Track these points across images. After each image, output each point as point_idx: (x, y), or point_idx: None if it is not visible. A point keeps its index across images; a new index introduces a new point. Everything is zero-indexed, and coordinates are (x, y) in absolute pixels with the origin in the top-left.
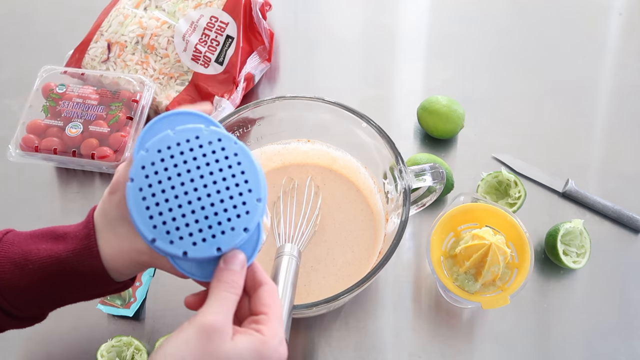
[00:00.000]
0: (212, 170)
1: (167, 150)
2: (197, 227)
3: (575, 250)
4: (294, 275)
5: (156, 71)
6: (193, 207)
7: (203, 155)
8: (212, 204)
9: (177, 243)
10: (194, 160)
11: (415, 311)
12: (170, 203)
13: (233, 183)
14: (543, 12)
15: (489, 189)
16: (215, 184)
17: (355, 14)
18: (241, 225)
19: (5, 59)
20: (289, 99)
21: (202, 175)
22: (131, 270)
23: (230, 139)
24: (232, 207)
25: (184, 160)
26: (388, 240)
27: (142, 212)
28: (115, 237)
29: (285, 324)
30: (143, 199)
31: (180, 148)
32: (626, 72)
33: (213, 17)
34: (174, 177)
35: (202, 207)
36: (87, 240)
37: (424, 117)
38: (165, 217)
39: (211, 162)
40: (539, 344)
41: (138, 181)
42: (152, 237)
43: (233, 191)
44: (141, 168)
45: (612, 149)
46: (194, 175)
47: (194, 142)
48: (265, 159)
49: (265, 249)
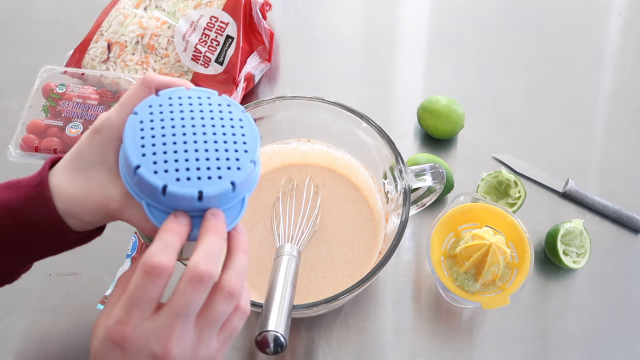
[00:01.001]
0: (215, 124)
1: (177, 100)
2: (185, 165)
3: (575, 250)
4: (293, 275)
5: (156, 71)
6: (187, 147)
7: (210, 111)
8: (207, 150)
9: (161, 175)
10: (200, 112)
11: (415, 311)
12: (166, 138)
13: (232, 140)
14: (543, 12)
15: (489, 189)
16: (214, 135)
17: (355, 14)
18: (229, 177)
19: (5, 59)
20: (289, 99)
21: (204, 125)
22: (94, 218)
23: (238, 107)
24: (225, 158)
25: (191, 110)
26: (388, 240)
27: (136, 140)
28: (84, 179)
29: (285, 323)
30: (141, 130)
31: (191, 100)
32: (626, 72)
33: (213, 17)
34: (177, 119)
35: (195, 149)
36: (39, 187)
37: (424, 117)
38: (157, 149)
39: (215, 117)
40: (539, 344)
41: (141, 115)
42: (137, 162)
43: (230, 146)
44: (148, 106)
45: (612, 149)
46: (196, 122)
47: (205, 100)
48: (265, 159)
49: (265, 249)
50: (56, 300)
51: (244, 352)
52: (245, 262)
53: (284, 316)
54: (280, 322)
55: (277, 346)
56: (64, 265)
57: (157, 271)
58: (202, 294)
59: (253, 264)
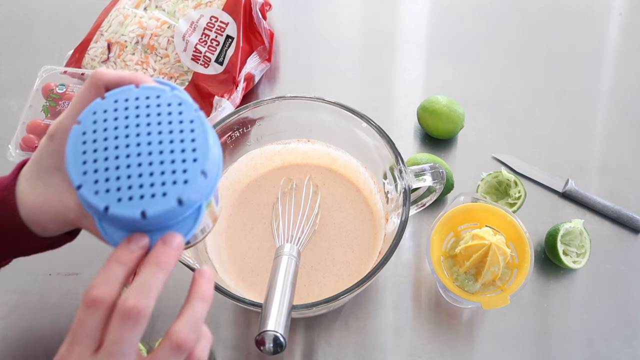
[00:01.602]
0: (162, 130)
1: (123, 103)
2: (127, 183)
3: (575, 250)
4: (293, 275)
5: (156, 71)
6: (130, 162)
7: (158, 115)
8: (151, 163)
9: (102, 195)
10: (147, 116)
11: (415, 311)
12: (108, 152)
13: (179, 148)
14: (543, 12)
15: (489, 189)
16: (160, 144)
17: (355, 14)
18: (175, 193)
19: (5, 59)
20: (289, 99)
21: (150, 132)
22: (57, 226)
23: (191, 106)
24: (170, 171)
25: (137, 114)
26: (388, 240)
27: (78, 155)
28: (43, 186)
29: (285, 323)
30: (83, 143)
31: (138, 102)
32: (626, 72)
33: (213, 17)
34: (120, 128)
35: (139, 163)
36: (6, 191)
37: (424, 117)
38: (99, 166)
39: (163, 122)
40: (539, 344)
41: (85, 125)
42: (79, 182)
43: (177, 156)
44: (92, 113)
45: (612, 149)
46: (141, 130)
47: (153, 101)
48: (265, 159)
49: (265, 249)
50: (56, 300)
51: (244, 352)
52: (203, 310)
53: (284, 316)
54: (279, 322)
55: (277, 346)
56: (64, 265)
57: (95, 304)
58: (132, 331)
59: (253, 264)
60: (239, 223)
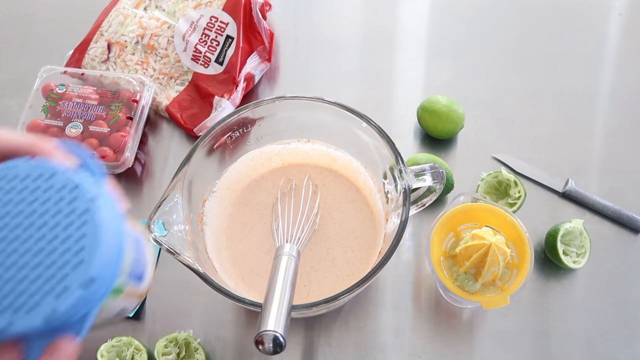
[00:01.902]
0: (46, 222)
1: (8, 185)
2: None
3: (575, 250)
4: (292, 275)
5: (156, 71)
6: (4, 265)
7: (44, 202)
8: (27, 268)
9: None
10: (31, 204)
11: (415, 311)
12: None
13: (61, 249)
14: (543, 12)
15: (489, 189)
16: (39, 242)
17: (355, 13)
18: (43, 308)
19: (5, 59)
20: (289, 99)
21: (31, 226)
22: None
23: (86, 192)
24: (45, 279)
25: (21, 199)
26: (388, 240)
27: None
28: None
29: (284, 323)
30: None
31: (26, 184)
32: (626, 72)
33: (213, 17)
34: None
35: (16, 267)
36: None
37: (424, 117)
38: None
39: (49, 212)
40: (539, 344)
41: None
42: None
43: (57, 259)
44: None
45: (612, 149)
46: (21, 223)
47: (43, 183)
48: (265, 159)
49: (265, 250)
50: None
51: (243, 352)
52: None
53: (283, 316)
54: (279, 322)
55: (277, 346)
56: None
57: None
58: None
59: (253, 264)
60: (239, 223)
